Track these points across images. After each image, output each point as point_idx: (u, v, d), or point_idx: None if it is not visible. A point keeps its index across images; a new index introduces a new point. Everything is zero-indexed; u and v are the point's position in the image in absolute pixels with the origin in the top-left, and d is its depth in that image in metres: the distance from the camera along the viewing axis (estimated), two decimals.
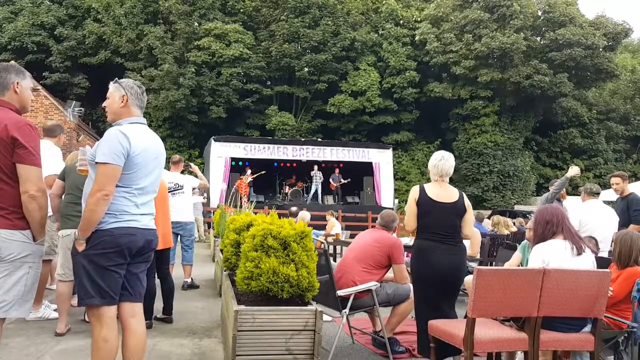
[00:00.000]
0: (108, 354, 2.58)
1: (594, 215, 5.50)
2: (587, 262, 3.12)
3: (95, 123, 27.35)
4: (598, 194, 5.70)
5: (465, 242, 3.90)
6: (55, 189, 4.32)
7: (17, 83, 2.58)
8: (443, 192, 3.61)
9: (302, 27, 26.07)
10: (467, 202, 3.67)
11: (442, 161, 3.69)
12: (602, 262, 3.80)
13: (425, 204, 3.59)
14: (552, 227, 3.16)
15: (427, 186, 3.67)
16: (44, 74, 26.40)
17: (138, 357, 2.72)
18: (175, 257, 6.55)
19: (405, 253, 4.48)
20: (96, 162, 2.57)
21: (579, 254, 3.08)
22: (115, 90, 2.76)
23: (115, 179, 2.57)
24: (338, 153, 19.61)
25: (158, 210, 4.60)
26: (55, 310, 4.62)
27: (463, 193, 3.73)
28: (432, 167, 3.72)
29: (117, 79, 2.84)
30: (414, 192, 3.66)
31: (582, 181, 27.97)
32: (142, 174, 2.69)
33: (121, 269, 2.64)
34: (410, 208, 3.65)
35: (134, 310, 2.75)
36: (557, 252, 3.08)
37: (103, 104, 2.83)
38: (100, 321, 2.59)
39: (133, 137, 2.63)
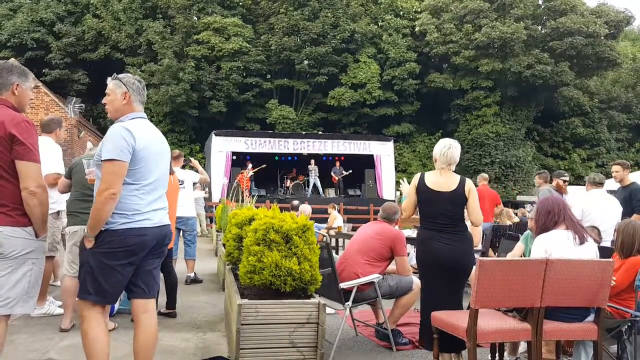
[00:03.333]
0: (89, 347, 2.59)
1: (596, 205, 5.48)
2: (589, 251, 3.11)
3: (96, 119, 27.33)
4: (601, 183, 5.67)
5: None
6: (61, 187, 4.32)
7: (17, 85, 2.58)
8: (443, 180, 3.55)
9: (302, 19, 25.94)
10: (469, 188, 3.53)
11: (451, 149, 3.58)
12: (604, 252, 3.79)
13: (423, 192, 3.57)
14: (553, 217, 3.16)
15: (427, 175, 3.63)
16: (43, 70, 26.34)
17: (148, 353, 2.72)
18: (178, 252, 6.56)
19: None
20: (102, 160, 2.55)
21: (582, 243, 3.08)
22: (116, 87, 2.72)
23: (122, 175, 2.54)
24: (339, 146, 19.58)
25: (171, 208, 4.63)
26: (59, 306, 4.64)
27: (466, 180, 3.59)
28: (441, 156, 3.58)
29: (115, 74, 2.80)
30: (414, 180, 3.64)
31: (584, 170, 27.93)
32: (149, 169, 2.66)
33: (127, 268, 2.61)
34: (410, 195, 3.63)
35: (146, 307, 2.74)
36: (560, 242, 3.08)
37: (103, 101, 2.79)
38: (83, 315, 2.62)
39: (136, 132, 2.61)
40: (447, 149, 3.60)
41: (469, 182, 3.58)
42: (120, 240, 2.54)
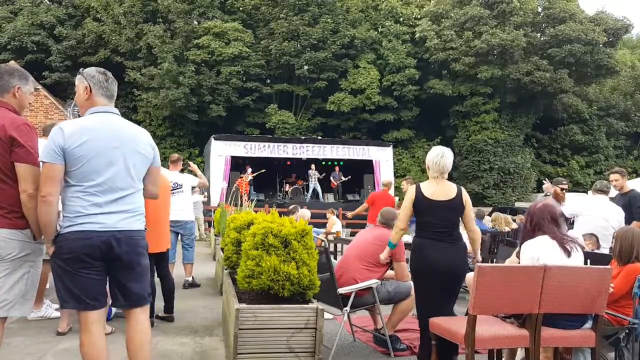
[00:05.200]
0: (88, 358, 2.48)
1: (596, 211, 5.49)
2: (576, 260, 3.10)
3: None
4: (602, 190, 5.69)
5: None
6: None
7: (18, 88, 2.60)
8: (439, 190, 3.57)
9: (302, 25, 26.03)
10: (466, 198, 3.61)
11: (443, 158, 3.62)
12: (603, 259, 3.80)
13: (421, 203, 3.57)
14: (538, 229, 3.14)
15: (423, 185, 3.63)
16: (43, 73, 26.36)
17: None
18: (176, 256, 6.56)
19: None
20: None
21: (569, 256, 3.06)
22: (79, 83, 2.62)
23: (52, 178, 2.38)
24: (338, 151, 19.61)
25: (161, 211, 4.62)
26: (56, 309, 4.63)
27: (462, 189, 3.66)
28: (434, 164, 3.62)
29: (82, 69, 2.67)
30: (410, 193, 3.63)
31: (582, 177, 27.98)
32: (95, 168, 2.43)
33: (91, 272, 2.44)
34: (406, 208, 3.62)
35: (129, 315, 2.62)
36: (547, 249, 3.05)
37: (74, 98, 2.76)
38: (80, 325, 2.52)
39: (71, 129, 2.42)
40: (440, 157, 3.63)
41: (464, 191, 3.67)
42: (66, 245, 2.40)
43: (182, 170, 6.98)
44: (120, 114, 2.70)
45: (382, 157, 19.86)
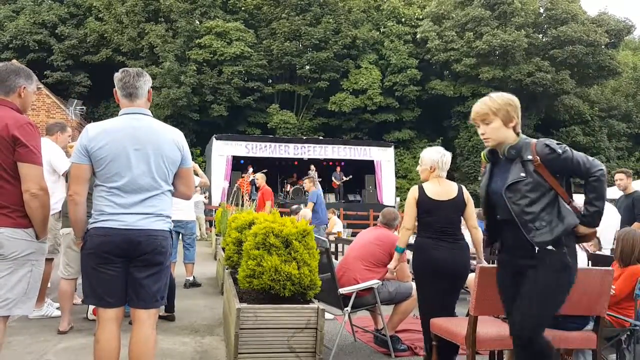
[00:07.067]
0: (98, 354, 2.50)
1: None
2: (580, 260, 3.10)
3: (97, 121, 27.41)
4: None
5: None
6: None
7: (24, 88, 2.60)
8: (442, 189, 3.59)
9: (304, 25, 26.06)
10: (467, 196, 3.63)
11: (446, 156, 3.66)
12: (604, 260, 3.79)
13: (425, 203, 3.57)
14: None
15: (425, 186, 3.64)
16: (45, 72, 26.41)
17: None
18: (177, 256, 6.56)
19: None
20: None
21: None
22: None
23: (80, 178, 2.49)
24: (339, 151, 19.61)
25: None
26: (57, 308, 4.64)
27: (463, 187, 3.68)
28: (443, 164, 3.63)
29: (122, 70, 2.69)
30: (414, 193, 3.63)
31: None
32: (116, 169, 2.47)
33: (110, 270, 2.47)
34: (410, 208, 3.62)
35: (135, 316, 2.59)
36: None
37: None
38: (97, 320, 2.57)
39: (94, 130, 2.50)
40: (444, 156, 3.67)
41: (465, 190, 3.69)
42: (89, 241, 2.49)
43: None
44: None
45: (384, 158, 19.86)
